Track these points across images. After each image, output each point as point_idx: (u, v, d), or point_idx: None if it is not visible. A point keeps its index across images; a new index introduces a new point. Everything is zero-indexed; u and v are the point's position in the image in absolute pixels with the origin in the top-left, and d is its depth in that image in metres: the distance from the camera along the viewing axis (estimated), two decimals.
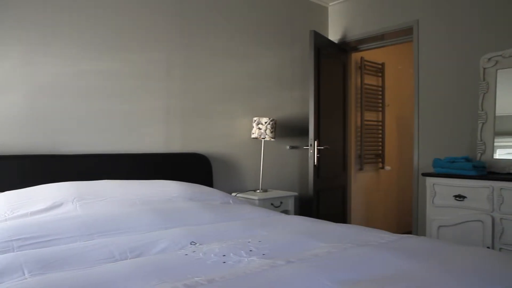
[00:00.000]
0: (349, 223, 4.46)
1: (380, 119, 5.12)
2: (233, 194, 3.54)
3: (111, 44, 3.02)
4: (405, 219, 5.05)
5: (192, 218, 2.27)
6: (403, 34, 4.00)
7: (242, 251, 1.61)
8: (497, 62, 3.20)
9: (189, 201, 2.64)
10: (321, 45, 3.99)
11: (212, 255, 1.56)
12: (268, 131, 3.59)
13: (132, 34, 3.13)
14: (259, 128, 3.60)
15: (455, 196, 2.98)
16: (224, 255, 1.56)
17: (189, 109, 3.46)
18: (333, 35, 4.55)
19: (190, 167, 3.32)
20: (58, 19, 2.78)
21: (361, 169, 4.80)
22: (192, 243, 1.79)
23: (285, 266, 1.40)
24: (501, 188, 2.75)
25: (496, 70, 3.21)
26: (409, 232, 3.96)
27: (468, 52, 3.42)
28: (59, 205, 2.25)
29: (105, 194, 2.46)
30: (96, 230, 1.93)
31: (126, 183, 2.70)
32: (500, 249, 2.75)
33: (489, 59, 3.23)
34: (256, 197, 3.43)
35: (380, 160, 5.11)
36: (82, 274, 1.37)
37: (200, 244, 1.76)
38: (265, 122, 3.60)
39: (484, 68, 3.26)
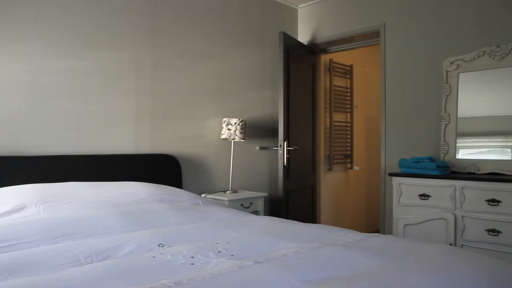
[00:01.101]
0: (319, 223, 4.52)
1: (349, 120, 5.21)
2: (203, 195, 3.53)
3: (77, 42, 2.94)
4: (373, 218, 5.16)
5: (160, 220, 2.25)
6: (371, 37, 4.09)
7: (211, 253, 1.60)
8: (458, 65, 3.32)
9: (158, 203, 2.61)
10: (290, 46, 4.03)
11: (180, 257, 1.55)
12: (237, 132, 3.59)
13: (99, 33, 3.06)
14: (229, 129, 3.60)
15: (420, 195, 3.06)
16: (192, 257, 1.55)
17: (159, 110, 3.41)
18: (303, 37, 4.60)
19: (159, 168, 3.28)
20: (19, 14, 2.69)
21: (330, 169, 4.86)
22: (160, 245, 1.77)
23: (253, 266, 1.40)
24: (462, 187, 2.85)
25: (458, 73, 3.32)
26: (377, 231, 4.05)
27: (432, 56, 3.52)
28: (22, 208, 2.18)
29: (70, 196, 2.40)
30: (61, 234, 1.88)
31: (92, 185, 2.64)
32: (462, 245, 2.85)
33: (452, 62, 3.35)
34: (225, 198, 3.42)
35: (348, 160, 5.20)
36: (46, 280, 1.33)
37: (168, 246, 1.74)
38: (235, 123, 3.60)
39: (447, 71, 3.38)
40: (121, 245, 1.75)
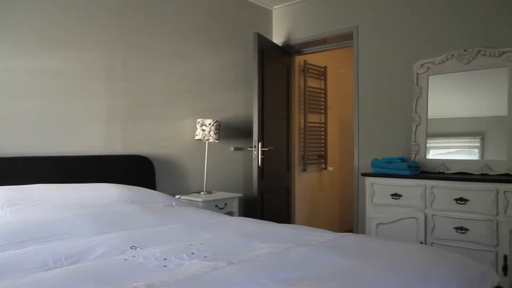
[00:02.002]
0: (293, 223, 4.55)
1: (323, 121, 5.27)
2: (177, 196, 3.50)
3: (46, 40, 2.86)
4: (347, 218, 5.22)
5: (133, 222, 2.22)
6: (344, 39, 4.14)
7: (184, 254, 1.59)
8: (428, 68, 3.40)
9: (130, 205, 2.57)
10: (265, 47, 4.04)
11: (152, 259, 1.53)
12: (212, 133, 3.58)
13: (70, 31, 2.98)
14: (203, 130, 3.58)
15: (392, 195, 3.12)
16: (165, 259, 1.53)
17: (131, 110, 3.36)
18: (277, 38, 4.62)
19: (132, 170, 3.23)
20: None
21: (304, 170, 4.90)
22: (133, 247, 1.74)
23: (227, 267, 1.40)
24: (432, 187, 2.92)
25: (428, 76, 3.41)
26: (351, 230, 4.10)
27: (403, 58, 3.60)
28: None
29: (39, 199, 2.34)
30: (29, 237, 1.83)
31: (62, 186, 2.58)
32: (432, 243, 2.91)
33: (422, 65, 3.43)
34: (200, 199, 3.40)
35: (323, 161, 5.25)
36: (11, 285, 1.28)
37: (141, 248, 1.72)
38: (209, 124, 3.58)
39: (417, 74, 3.45)
40: (92, 248, 1.72)
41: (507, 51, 3.03)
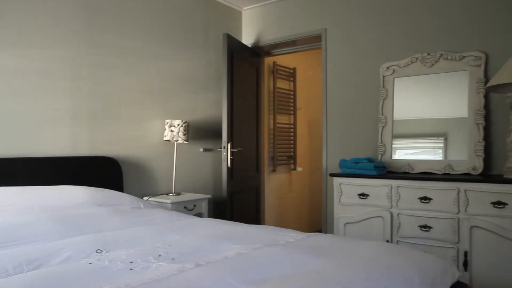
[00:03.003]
0: (263, 224, 4.56)
1: (292, 122, 5.31)
2: (145, 198, 3.45)
3: (7, 37, 2.76)
4: (316, 218, 5.29)
5: (99, 225, 2.17)
6: (313, 41, 4.19)
7: (151, 257, 1.57)
8: (394, 71, 3.48)
9: (97, 207, 2.51)
10: (234, 48, 4.04)
11: (118, 262, 1.50)
12: (181, 134, 3.54)
13: (33, 27, 2.89)
14: (172, 131, 3.54)
15: (359, 195, 3.18)
16: (131, 262, 1.50)
17: (98, 111, 3.29)
18: (247, 39, 4.63)
19: (99, 171, 3.16)
20: None
21: (274, 170, 4.92)
22: (98, 251, 1.70)
23: (194, 269, 1.39)
24: (398, 186, 2.99)
25: (394, 78, 3.49)
26: (320, 230, 4.15)
27: (370, 61, 3.68)
28: None
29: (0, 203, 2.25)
30: None
31: (24, 189, 2.50)
32: (398, 241, 2.98)
33: (388, 67, 3.51)
34: (168, 201, 3.36)
35: (292, 161, 5.29)
36: None
37: (107, 252, 1.68)
38: (178, 125, 3.55)
39: (384, 76, 3.53)
40: (55, 252, 1.66)
41: (467, 56, 3.14)
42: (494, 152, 3.06)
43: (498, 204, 2.59)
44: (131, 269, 1.44)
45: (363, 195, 3.16)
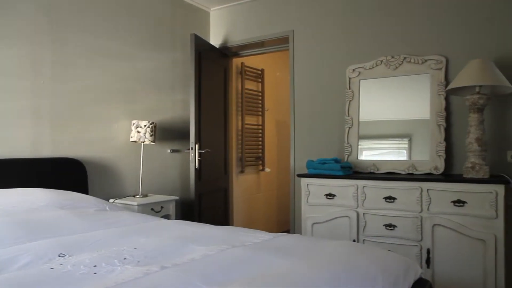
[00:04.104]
0: (232, 225, 4.55)
1: (260, 123, 5.33)
2: (111, 200, 3.37)
3: None
4: (285, 218, 5.32)
5: (62, 228, 2.10)
6: (281, 43, 4.22)
7: (116, 260, 1.53)
8: (360, 73, 3.55)
9: (60, 210, 2.43)
10: (202, 49, 4.01)
11: (81, 266, 1.46)
12: (147, 135, 3.49)
13: None
14: (138, 132, 3.48)
15: (326, 195, 3.22)
16: (95, 266, 1.47)
17: (61, 111, 3.19)
18: (215, 40, 4.61)
19: (62, 173, 3.06)
20: None
21: (242, 171, 4.92)
22: (61, 255, 1.65)
23: (159, 272, 1.36)
24: (363, 186, 3.05)
25: (359, 80, 3.56)
26: (288, 231, 4.18)
27: (336, 63, 3.73)
28: None
29: None
30: None
31: None
32: (364, 240, 3.04)
33: (354, 69, 3.58)
34: (135, 203, 3.30)
35: (260, 162, 5.30)
36: None
37: (70, 256, 1.63)
38: (145, 125, 3.49)
39: (350, 78, 3.60)
40: (15, 257, 1.60)
41: (429, 59, 3.24)
42: (454, 153, 3.17)
43: (458, 202, 2.68)
44: (95, 273, 1.40)
45: (330, 195, 3.20)
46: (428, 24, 3.31)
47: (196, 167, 3.80)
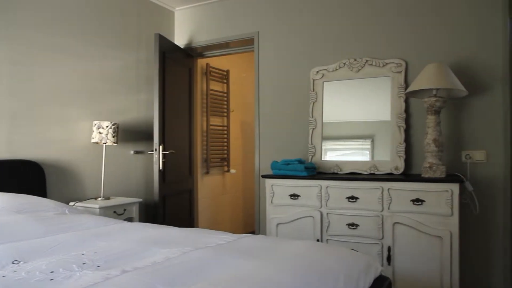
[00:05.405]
0: (197, 226, 4.52)
1: (225, 124, 5.32)
2: (71, 203, 3.27)
3: None
4: (250, 219, 5.33)
5: (17, 233, 2.02)
6: (246, 44, 4.23)
7: (74, 265, 1.48)
8: (323, 75, 3.61)
9: (15, 214, 2.34)
10: (166, 49, 3.96)
11: (37, 273, 1.40)
12: (109, 136, 3.41)
13: None
14: (100, 133, 3.40)
15: (291, 195, 3.24)
16: (52, 272, 1.42)
17: (19, 111, 3.06)
18: (180, 40, 4.57)
19: (19, 176, 2.94)
20: None
21: (207, 172, 4.90)
22: (15, 261, 1.58)
23: (120, 276, 1.33)
24: (327, 186, 3.09)
25: (323, 82, 3.62)
26: (253, 232, 4.19)
27: (301, 65, 3.78)
28: None
29: None
30: None
31: None
32: (327, 240, 3.09)
33: (317, 71, 3.63)
34: (97, 206, 3.21)
35: (225, 163, 5.29)
36: None
37: (25, 262, 1.57)
38: (107, 126, 3.41)
39: (314, 80, 3.65)
40: None
41: (390, 62, 3.34)
42: (413, 153, 3.27)
43: (417, 201, 2.77)
44: (51, 279, 1.35)
45: (294, 196, 3.23)
46: (389, 28, 3.40)
47: (160, 168, 3.75)
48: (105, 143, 3.43)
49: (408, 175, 3.13)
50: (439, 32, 3.21)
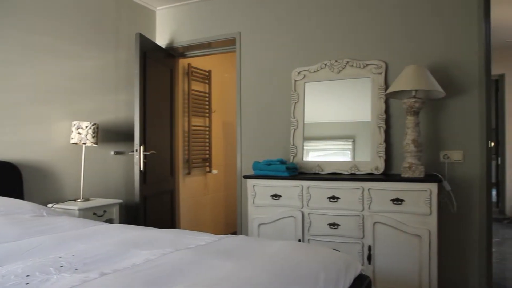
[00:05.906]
0: (178, 228, 4.49)
1: (207, 124, 5.29)
2: (49, 205, 3.21)
3: None
4: (232, 220, 5.32)
5: None
6: (228, 44, 4.22)
7: (51, 268, 1.45)
8: (305, 76, 3.63)
9: None
10: (147, 48, 3.93)
11: (12, 277, 1.37)
12: (89, 136, 3.36)
13: None
14: (79, 133, 3.34)
15: (272, 196, 3.25)
16: (28, 276, 1.38)
17: None
18: (161, 40, 4.53)
19: None
20: None
21: (189, 173, 4.87)
22: None
23: (99, 279, 1.31)
24: (308, 187, 3.11)
25: (304, 82, 3.64)
26: (235, 232, 4.18)
27: (282, 65, 3.79)
28: None
29: None
30: None
31: None
32: (309, 240, 3.11)
33: (299, 72, 3.65)
34: (76, 207, 3.16)
35: (207, 164, 5.27)
36: None
37: (0, 266, 1.53)
38: (86, 127, 3.36)
39: (295, 80, 3.67)
40: None
41: (370, 64, 3.38)
42: (393, 153, 3.32)
43: (397, 201, 2.81)
44: (27, 283, 1.32)
45: (276, 196, 3.24)
46: (369, 30, 3.44)
47: (141, 169, 3.71)
48: (84, 144, 3.38)
49: (388, 175, 3.17)
50: (418, 34, 3.26)
